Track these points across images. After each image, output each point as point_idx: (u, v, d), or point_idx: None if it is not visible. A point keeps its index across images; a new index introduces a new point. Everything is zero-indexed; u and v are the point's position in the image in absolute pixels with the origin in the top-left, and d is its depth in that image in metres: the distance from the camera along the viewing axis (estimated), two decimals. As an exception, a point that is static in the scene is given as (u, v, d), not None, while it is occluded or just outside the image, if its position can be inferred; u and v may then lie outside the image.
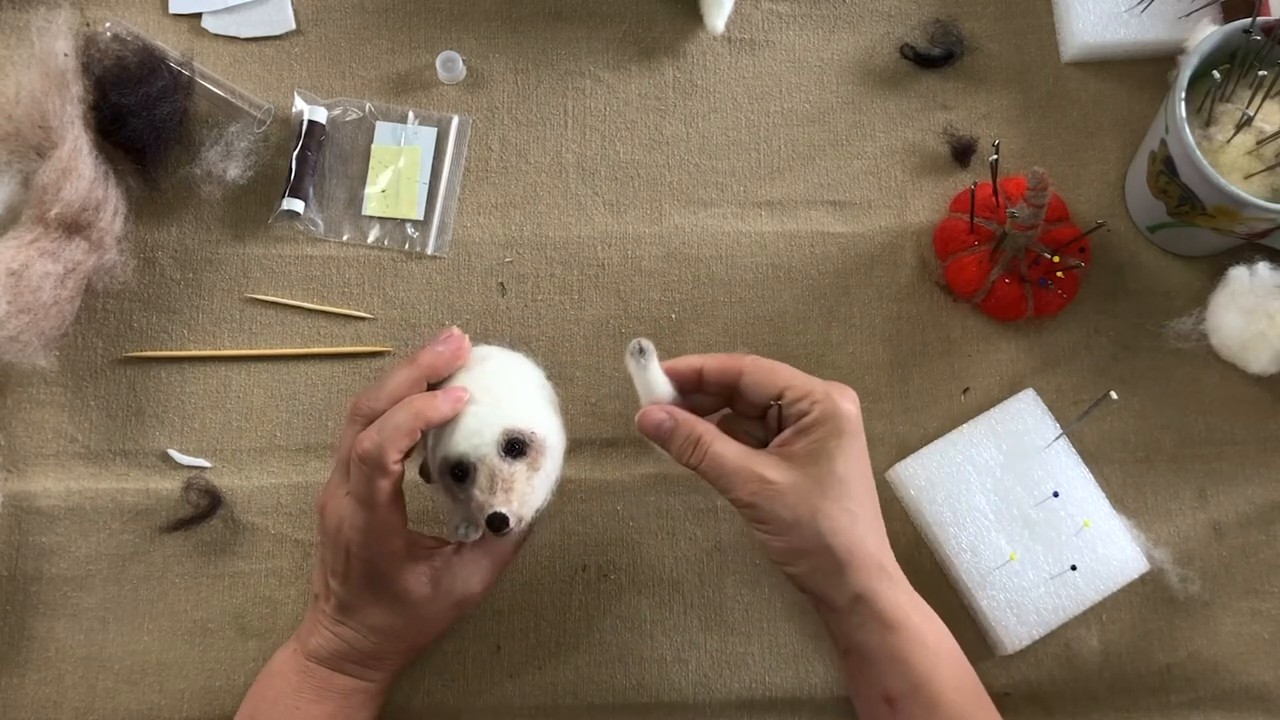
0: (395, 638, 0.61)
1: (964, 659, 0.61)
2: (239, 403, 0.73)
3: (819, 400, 0.59)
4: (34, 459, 0.71)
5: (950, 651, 0.60)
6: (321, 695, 0.61)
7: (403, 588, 0.60)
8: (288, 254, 0.75)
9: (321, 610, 0.62)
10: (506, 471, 0.57)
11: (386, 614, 0.60)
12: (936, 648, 0.59)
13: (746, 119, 0.78)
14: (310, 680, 0.61)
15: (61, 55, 0.69)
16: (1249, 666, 0.70)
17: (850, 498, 0.59)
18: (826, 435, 0.58)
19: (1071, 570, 0.68)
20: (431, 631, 0.63)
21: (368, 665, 0.62)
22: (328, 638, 0.61)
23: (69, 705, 0.68)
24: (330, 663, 0.61)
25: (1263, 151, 0.67)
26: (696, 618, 0.70)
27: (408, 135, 0.76)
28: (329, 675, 0.61)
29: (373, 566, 0.59)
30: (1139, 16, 0.76)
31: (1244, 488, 0.72)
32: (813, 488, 0.58)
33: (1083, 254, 0.72)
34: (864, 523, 0.59)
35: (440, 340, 0.61)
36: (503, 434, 0.58)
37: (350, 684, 0.62)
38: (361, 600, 0.60)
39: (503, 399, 0.60)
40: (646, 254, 0.75)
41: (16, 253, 0.67)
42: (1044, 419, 0.71)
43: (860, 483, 0.60)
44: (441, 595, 0.61)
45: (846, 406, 0.59)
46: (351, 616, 0.61)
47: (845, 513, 0.58)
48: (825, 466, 0.58)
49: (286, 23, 0.78)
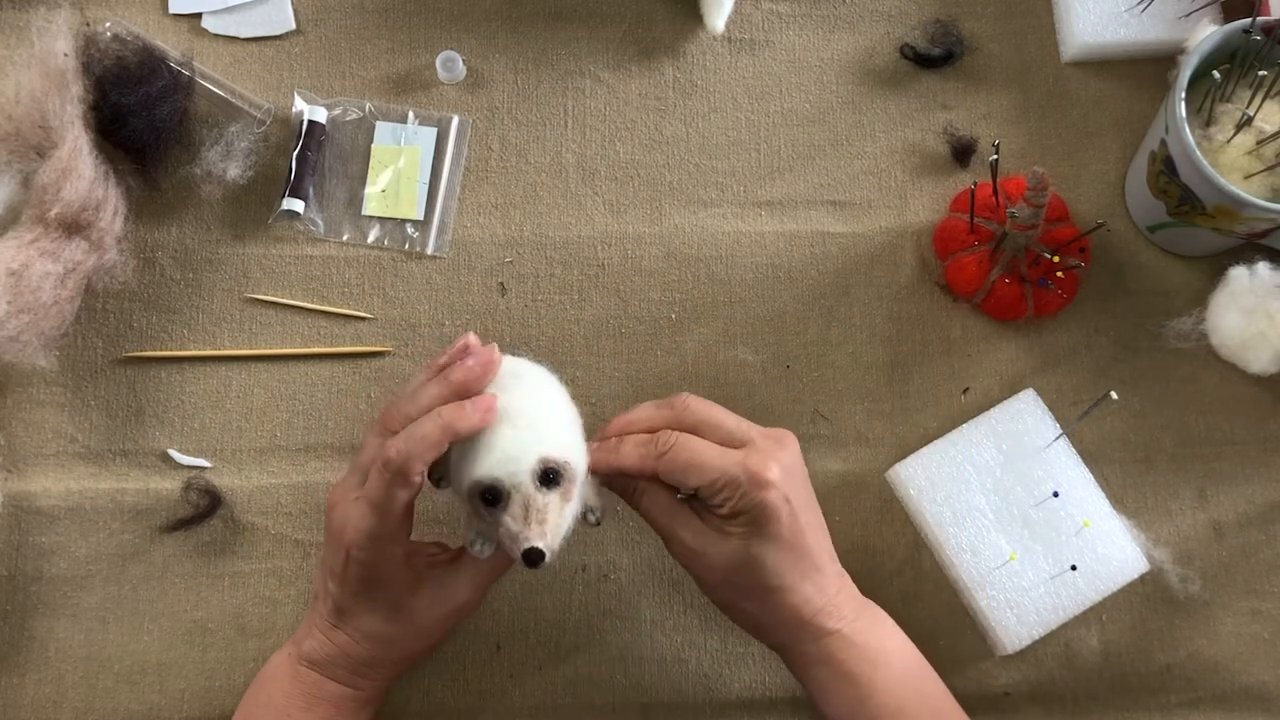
0: (388, 645, 0.61)
1: (907, 673, 0.61)
2: (239, 403, 0.73)
3: (731, 496, 0.58)
4: (34, 459, 0.71)
5: (887, 673, 0.60)
6: (312, 702, 0.61)
7: (399, 594, 0.60)
8: (288, 254, 0.75)
9: (319, 612, 0.62)
10: (540, 502, 0.55)
11: (380, 621, 0.60)
12: (869, 676, 0.59)
13: (746, 119, 0.78)
14: (301, 686, 0.61)
15: (61, 55, 0.69)
16: (1249, 666, 0.70)
17: (780, 576, 0.58)
18: (749, 531, 0.58)
19: (1071, 570, 0.68)
20: (425, 641, 0.62)
21: (359, 673, 0.61)
22: (321, 641, 0.61)
23: (69, 705, 0.68)
24: (322, 668, 0.61)
25: (1263, 151, 0.67)
26: (696, 618, 0.70)
27: (408, 135, 0.76)
28: (320, 681, 0.61)
29: (371, 571, 0.59)
30: (1139, 16, 0.76)
31: (1244, 488, 0.72)
32: (739, 567, 0.58)
33: (1083, 254, 0.72)
34: (794, 588, 0.59)
35: (469, 354, 0.60)
36: (539, 462, 0.56)
37: (341, 692, 0.61)
38: (357, 605, 0.60)
39: (537, 424, 0.58)
40: (646, 254, 0.75)
41: (16, 253, 0.67)
42: (1044, 419, 0.71)
43: (793, 550, 0.59)
44: (437, 604, 0.60)
45: (766, 497, 0.57)
46: (346, 622, 0.61)
47: (776, 590, 0.59)
48: (749, 558, 0.58)
49: (286, 23, 0.78)
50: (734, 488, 0.57)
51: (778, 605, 0.59)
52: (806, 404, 0.73)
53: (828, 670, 0.60)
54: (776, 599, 0.59)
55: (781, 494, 0.58)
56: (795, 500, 0.59)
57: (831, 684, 0.60)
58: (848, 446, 0.73)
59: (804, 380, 0.74)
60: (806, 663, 0.60)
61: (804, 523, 0.59)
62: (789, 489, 0.58)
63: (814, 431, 0.73)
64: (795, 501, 0.58)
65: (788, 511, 0.58)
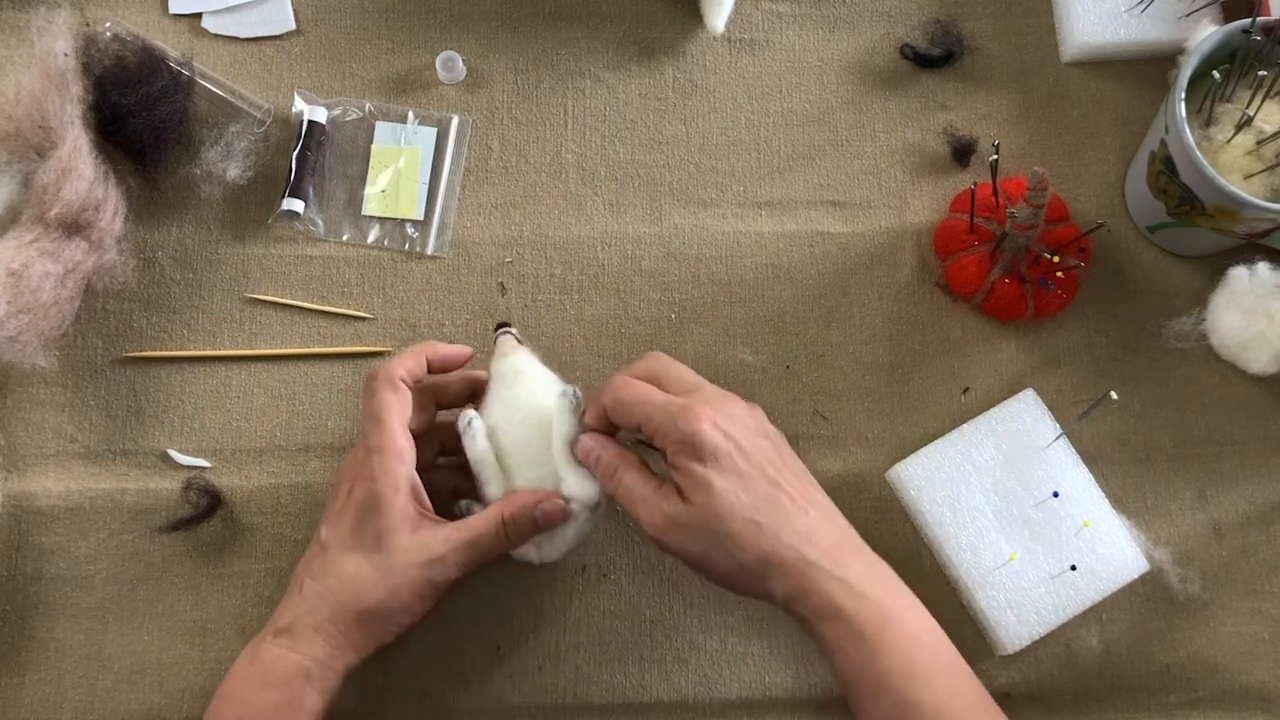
0: (360, 590, 0.60)
1: (920, 634, 0.60)
2: (239, 403, 0.73)
3: (667, 430, 0.60)
4: (34, 459, 0.71)
5: (898, 632, 0.59)
6: (266, 685, 0.60)
7: (388, 526, 0.60)
8: (288, 254, 0.75)
9: (298, 584, 0.63)
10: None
11: (359, 558, 0.61)
12: (877, 633, 0.58)
13: (746, 119, 0.78)
14: (258, 668, 0.61)
15: (61, 55, 0.69)
16: (1249, 666, 0.70)
17: (744, 509, 0.59)
18: (688, 467, 0.59)
19: (1071, 570, 0.68)
20: (394, 598, 0.61)
21: (323, 632, 0.60)
22: (294, 602, 0.62)
23: (69, 705, 0.69)
24: (287, 635, 0.61)
25: (1263, 151, 0.67)
26: (696, 618, 0.70)
27: (408, 135, 0.76)
28: (277, 658, 0.60)
29: (368, 488, 0.61)
30: (1139, 16, 0.76)
31: (1244, 488, 0.72)
32: (708, 518, 0.59)
33: (1083, 254, 0.72)
34: (771, 523, 0.59)
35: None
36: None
37: (296, 667, 0.60)
38: (344, 538, 0.61)
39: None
40: (646, 254, 0.75)
41: (16, 253, 0.67)
42: (1044, 419, 0.71)
43: (754, 484, 0.59)
44: (415, 550, 0.61)
45: (699, 427, 0.59)
46: (326, 567, 0.61)
47: (748, 524, 0.59)
48: (703, 495, 0.59)
49: (286, 23, 0.78)
50: (669, 420, 0.60)
51: (749, 544, 0.58)
52: (806, 404, 0.73)
53: (834, 627, 0.58)
54: (747, 537, 0.58)
55: (719, 430, 0.59)
56: (744, 443, 0.60)
57: (838, 640, 0.59)
58: (848, 446, 0.73)
59: (804, 380, 0.74)
60: (814, 617, 0.59)
61: (761, 460, 0.60)
62: (731, 429, 0.60)
63: (814, 431, 0.73)
64: (744, 443, 0.60)
65: (730, 448, 0.59)
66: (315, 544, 0.63)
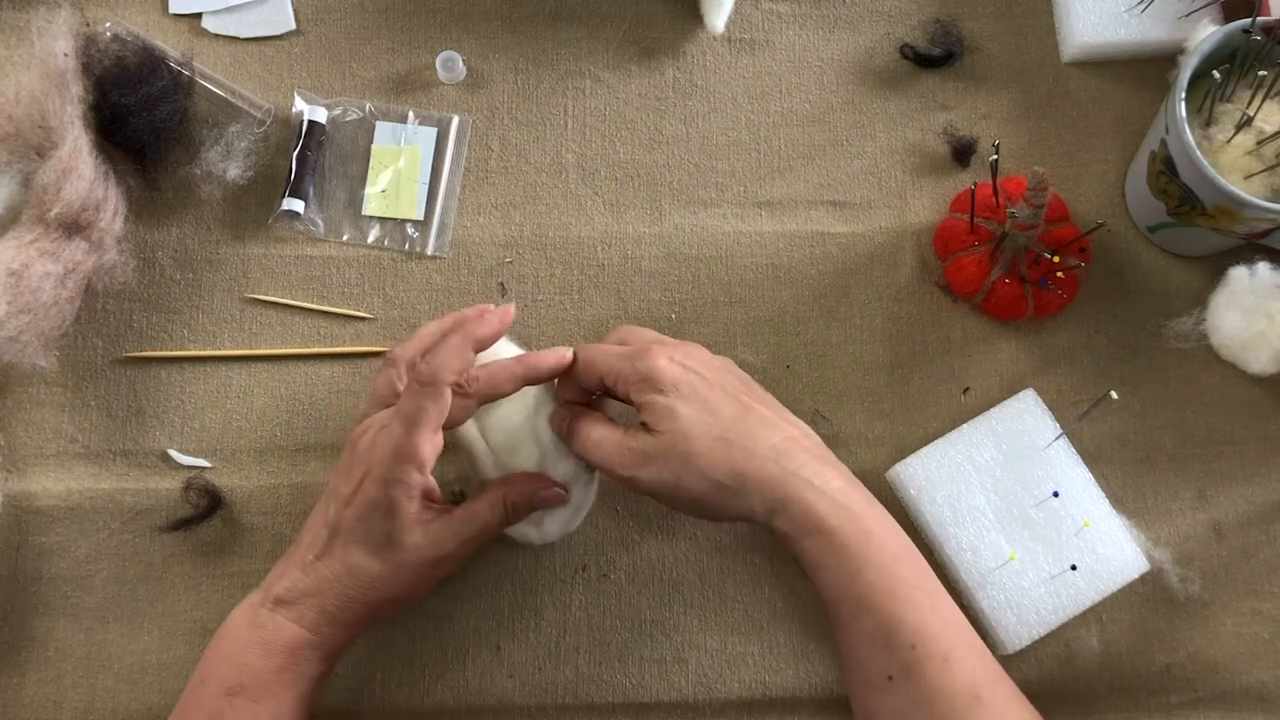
0: (368, 584, 0.60)
1: (900, 551, 0.60)
2: (239, 403, 0.73)
3: (628, 378, 0.62)
4: (34, 459, 0.71)
5: (881, 550, 0.59)
6: (269, 650, 0.60)
7: (398, 527, 0.60)
8: (288, 254, 0.75)
9: (300, 550, 0.62)
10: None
11: (368, 554, 0.60)
12: (861, 549, 0.58)
13: (746, 119, 0.78)
14: (260, 634, 0.60)
15: (61, 55, 0.69)
16: (1249, 667, 0.70)
17: (711, 428, 0.60)
18: (651, 399, 0.61)
19: (1071, 570, 0.68)
20: (402, 590, 0.62)
21: (326, 615, 0.60)
22: (298, 578, 0.61)
23: (69, 705, 0.69)
24: (290, 608, 0.60)
25: (1263, 151, 0.67)
26: (696, 618, 0.70)
27: (408, 135, 0.76)
28: (281, 626, 0.60)
29: (385, 491, 0.60)
30: (1139, 16, 0.76)
31: (1244, 488, 0.72)
32: (675, 441, 0.60)
33: (1083, 254, 0.72)
34: (742, 438, 0.60)
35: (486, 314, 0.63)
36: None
37: (300, 638, 0.60)
38: (354, 532, 0.60)
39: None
40: (646, 254, 0.75)
41: (16, 253, 0.67)
42: (1044, 419, 0.71)
43: (720, 407, 0.61)
44: (424, 548, 0.61)
45: (656, 363, 0.61)
46: (334, 552, 0.60)
47: (717, 442, 0.60)
48: (668, 422, 0.60)
49: (286, 23, 0.78)
50: (628, 365, 0.62)
51: (720, 461, 0.59)
52: (806, 404, 0.73)
53: (817, 540, 0.58)
54: (716, 454, 0.59)
55: (677, 364, 0.62)
56: (707, 374, 0.62)
57: (821, 555, 0.59)
58: (848, 446, 0.73)
59: (804, 380, 0.74)
60: (796, 532, 0.59)
61: (728, 388, 0.62)
62: (690, 364, 0.62)
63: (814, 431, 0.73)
64: (707, 374, 0.62)
65: (691, 379, 0.61)
66: (317, 527, 0.62)
